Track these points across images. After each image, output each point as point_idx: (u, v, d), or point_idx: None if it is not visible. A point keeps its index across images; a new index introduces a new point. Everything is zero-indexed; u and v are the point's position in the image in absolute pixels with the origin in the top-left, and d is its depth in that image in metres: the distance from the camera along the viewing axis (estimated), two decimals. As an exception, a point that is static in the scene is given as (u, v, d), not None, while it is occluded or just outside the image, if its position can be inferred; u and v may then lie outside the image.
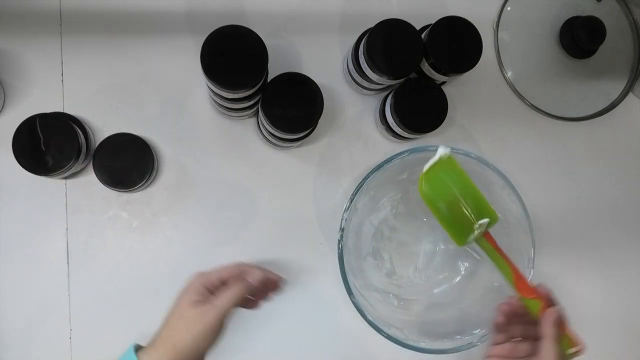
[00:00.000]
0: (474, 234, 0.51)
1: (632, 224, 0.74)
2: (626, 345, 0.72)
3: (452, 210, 0.51)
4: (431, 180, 0.51)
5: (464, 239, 0.52)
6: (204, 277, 0.51)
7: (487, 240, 0.52)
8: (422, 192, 0.51)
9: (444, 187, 0.51)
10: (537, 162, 0.72)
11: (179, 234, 0.64)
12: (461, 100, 0.70)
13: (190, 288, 0.50)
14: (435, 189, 0.51)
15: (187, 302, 0.49)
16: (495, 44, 0.71)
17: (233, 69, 0.52)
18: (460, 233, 0.52)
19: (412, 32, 0.58)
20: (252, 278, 0.52)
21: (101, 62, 0.64)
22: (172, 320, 0.49)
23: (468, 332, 0.62)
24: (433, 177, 0.51)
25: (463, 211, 0.51)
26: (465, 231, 0.52)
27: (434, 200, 0.51)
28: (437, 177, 0.51)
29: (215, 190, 0.65)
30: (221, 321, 0.48)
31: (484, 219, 0.51)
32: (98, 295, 0.62)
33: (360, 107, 0.68)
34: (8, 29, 0.62)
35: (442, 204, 0.51)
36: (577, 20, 0.69)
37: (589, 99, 0.73)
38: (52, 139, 0.57)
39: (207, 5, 0.66)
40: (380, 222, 0.68)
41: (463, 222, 0.51)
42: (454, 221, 0.52)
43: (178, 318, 0.49)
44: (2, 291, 0.61)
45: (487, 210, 0.52)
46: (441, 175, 0.51)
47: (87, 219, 0.63)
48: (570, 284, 0.72)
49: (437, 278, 0.68)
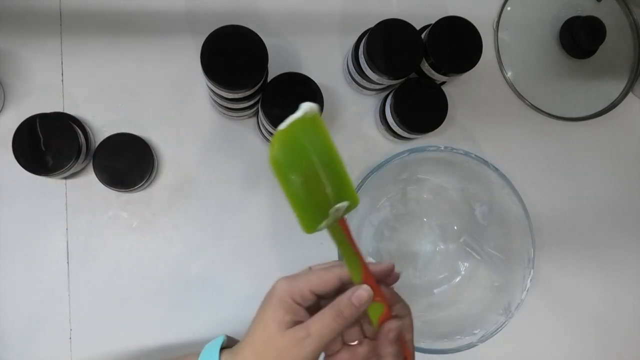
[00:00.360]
0: (327, 218, 0.40)
1: (632, 224, 0.74)
2: (626, 345, 0.72)
3: (308, 186, 0.39)
4: (287, 143, 0.38)
5: (315, 224, 0.40)
6: (291, 285, 0.41)
7: (342, 229, 0.41)
8: (273, 158, 0.38)
9: (302, 155, 0.38)
10: (537, 162, 0.72)
11: (179, 234, 0.64)
12: (461, 100, 0.70)
13: (276, 300, 0.40)
14: (291, 155, 0.38)
15: (275, 321, 0.40)
16: (495, 44, 0.71)
17: (233, 69, 0.52)
18: (312, 216, 0.40)
19: (412, 32, 0.58)
20: (357, 300, 0.40)
21: (101, 62, 0.64)
22: (258, 344, 0.40)
23: (468, 332, 0.62)
24: (290, 139, 0.38)
25: (321, 189, 0.39)
26: (317, 215, 0.40)
27: (286, 171, 0.38)
28: (295, 141, 0.38)
29: (215, 190, 0.65)
30: (318, 356, 0.40)
31: (343, 202, 0.39)
32: (98, 295, 0.62)
33: (360, 107, 0.68)
34: (8, 29, 0.62)
35: (296, 176, 0.38)
36: (577, 20, 0.69)
37: (589, 99, 0.73)
38: (52, 139, 0.57)
39: (207, 5, 0.66)
40: (380, 222, 0.68)
41: (318, 202, 0.39)
42: (307, 200, 0.39)
43: (266, 344, 0.40)
44: (2, 291, 0.61)
45: (348, 191, 0.40)
46: (301, 138, 0.38)
47: (87, 219, 0.63)
48: (570, 284, 0.72)
49: (437, 278, 0.68)
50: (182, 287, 0.64)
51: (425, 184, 0.68)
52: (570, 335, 0.71)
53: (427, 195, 0.68)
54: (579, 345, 0.72)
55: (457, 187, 0.67)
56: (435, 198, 0.68)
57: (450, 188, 0.68)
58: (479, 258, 0.67)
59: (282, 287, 0.41)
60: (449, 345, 0.61)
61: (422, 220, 0.69)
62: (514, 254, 0.64)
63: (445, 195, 0.68)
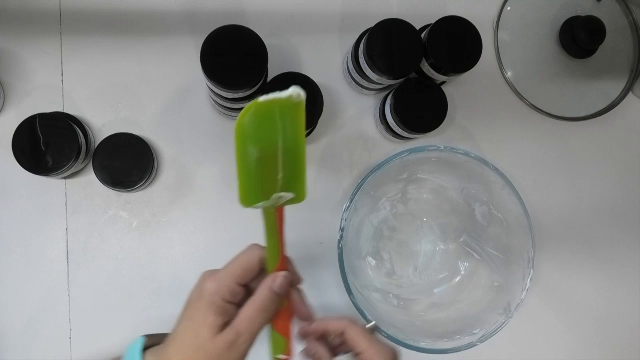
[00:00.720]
0: (267, 201, 0.41)
1: (632, 224, 0.74)
2: (626, 345, 0.72)
3: (262, 164, 0.39)
4: (260, 115, 0.37)
5: (254, 201, 0.40)
6: (219, 284, 0.39)
7: (277, 217, 0.43)
8: (240, 123, 0.37)
9: (269, 133, 0.38)
10: (537, 162, 0.72)
11: (179, 234, 0.64)
12: (461, 100, 0.70)
13: (206, 304, 0.39)
14: (258, 128, 0.38)
15: (207, 327, 0.38)
16: (495, 44, 0.71)
17: (233, 69, 0.52)
18: (254, 193, 0.40)
19: (412, 32, 0.58)
20: (279, 289, 0.41)
21: (101, 62, 0.64)
22: (189, 352, 0.39)
23: (468, 332, 0.62)
24: (265, 113, 0.37)
25: (274, 172, 0.39)
26: (259, 194, 0.40)
27: (248, 140, 0.38)
28: (269, 116, 0.38)
29: (215, 190, 0.65)
30: (249, 352, 0.40)
31: (289, 193, 0.41)
32: (98, 295, 0.62)
33: (360, 107, 0.68)
34: (8, 29, 0.62)
35: (255, 150, 0.38)
36: (577, 20, 0.69)
37: (589, 99, 0.73)
38: (52, 139, 0.57)
39: (207, 5, 0.66)
40: (380, 222, 0.68)
41: (265, 183, 0.40)
42: (255, 176, 0.39)
43: (197, 352, 0.38)
44: (2, 291, 0.61)
45: (298, 185, 0.41)
46: (276, 117, 0.38)
47: (87, 219, 0.63)
48: (570, 284, 0.72)
49: (437, 278, 0.68)
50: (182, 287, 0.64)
51: (425, 184, 0.68)
52: (570, 335, 0.71)
53: (427, 195, 0.68)
54: (579, 345, 0.72)
55: (457, 187, 0.67)
56: (435, 198, 0.68)
57: (450, 188, 0.68)
58: (479, 258, 0.67)
59: (211, 288, 0.39)
60: (449, 345, 0.61)
61: (422, 220, 0.69)
62: (514, 254, 0.64)
63: (445, 195, 0.68)
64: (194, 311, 0.40)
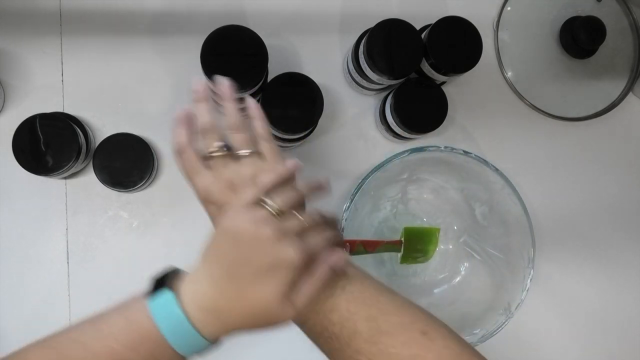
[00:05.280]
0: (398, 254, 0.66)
1: (632, 224, 0.74)
2: (626, 345, 0.72)
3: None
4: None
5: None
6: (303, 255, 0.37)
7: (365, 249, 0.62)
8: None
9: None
10: (537, 162, 0.72)
11: (179, 234, 0.64)
12: (461, 100, 0.70)
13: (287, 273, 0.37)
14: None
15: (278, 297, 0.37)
16: (495, 44, 0.71)
17: (233, 69, 0.52)
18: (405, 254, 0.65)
19: (412, 32, 0.58)
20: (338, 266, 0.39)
21: (101, 62, 0.64)
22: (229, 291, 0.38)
23: (468, 332, 0.62)
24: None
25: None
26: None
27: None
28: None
29: (215, 190, 0.65)
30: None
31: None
32: (98, 295, 0.62)
33: (360, 107, 0.68)
34: (8, 29, 0.62)
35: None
36: (577, 20, 0.69)
37: (589, 99, 0.73)
38: (52, 139, 0.57)
39: (207, 5, 0.66)
40: (380, 222, 0.68)
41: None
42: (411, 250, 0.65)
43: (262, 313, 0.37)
44: (2, 291, 0.61)
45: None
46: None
47: (87, 219, 0.63)
48: (570, 283, 0.72)
49: (437, 278, 0.68)
50: (182, 287, 0.64)
51: (425, 184, 0.68)
52: (570, 335, 0.71)
53: (427, 195, 0.68)
54: (579, 344, 0.72)
55: (457, 187, 0.67)
56: (435, 198, 0.68)
57: (450, 188, 0.68)
58: (479, 258, 0.67)
59: (299, 257, 0.37)
60: (449, 345, 0.61)
61: (422, 220, 0.69)
62: (514, 254, 0.64)
63: (445, 195, 0.68)
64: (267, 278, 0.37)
